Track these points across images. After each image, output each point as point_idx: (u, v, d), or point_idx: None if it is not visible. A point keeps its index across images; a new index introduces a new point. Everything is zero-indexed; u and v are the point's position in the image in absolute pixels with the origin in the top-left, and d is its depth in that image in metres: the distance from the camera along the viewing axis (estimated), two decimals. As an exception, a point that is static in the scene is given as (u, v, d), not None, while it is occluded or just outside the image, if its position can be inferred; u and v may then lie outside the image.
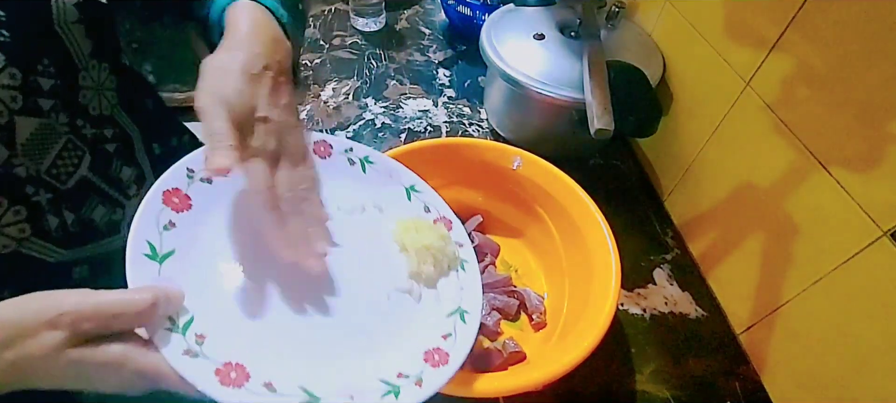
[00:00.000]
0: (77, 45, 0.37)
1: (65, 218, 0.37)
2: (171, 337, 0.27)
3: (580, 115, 0.56)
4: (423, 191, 0.47)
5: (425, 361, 0.35)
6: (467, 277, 0.43)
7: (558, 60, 0.61)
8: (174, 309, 0.28)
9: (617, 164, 0.72)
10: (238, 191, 0.36)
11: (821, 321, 0.44)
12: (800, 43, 0.44)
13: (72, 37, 0.37)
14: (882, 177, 0.38)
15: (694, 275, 0.60)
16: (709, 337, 0.54)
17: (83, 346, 0.25)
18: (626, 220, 0.64)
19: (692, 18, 0.59)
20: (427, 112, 0.77)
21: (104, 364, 0.25)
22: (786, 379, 0.48)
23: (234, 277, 0.33)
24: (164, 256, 0.31)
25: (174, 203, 0.33)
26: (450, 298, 0.41)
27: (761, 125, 0.49)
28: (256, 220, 0.34)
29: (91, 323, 0.25)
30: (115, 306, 0.26)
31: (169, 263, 0.30)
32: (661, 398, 0.48)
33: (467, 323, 0.39)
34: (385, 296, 0.39)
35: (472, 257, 0.44)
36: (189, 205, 0.34)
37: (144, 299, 0.26)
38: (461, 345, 0.37)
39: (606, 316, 0.41)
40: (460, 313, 0.40)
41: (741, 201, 0.53)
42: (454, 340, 0.37)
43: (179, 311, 0.29)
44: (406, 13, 0.99)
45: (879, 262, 0.38)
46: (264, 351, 0.30)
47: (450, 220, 0.46)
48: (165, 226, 0.32)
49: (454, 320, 0.39)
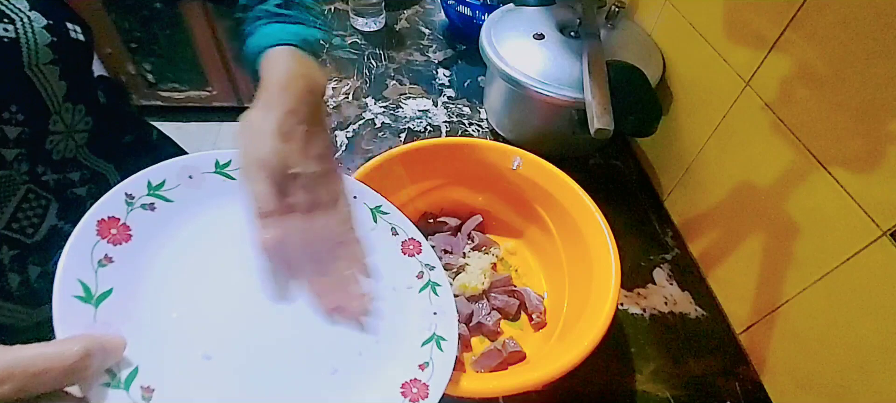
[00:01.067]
0: (50, 88, 0.35)
1: (29, 275, 0.35)
2: (109, 395, 0.23)
3: (580, 115, 0.56)
4: (389, 213, 0.44)
5: (403, 396, 0.32)
6: (441, 301, 0.40)
7: (558, 60, 0.61)
8: (114, 360, 0.25)
9: (617, 164, 0.72)
10: (185, 218, 0.32)
11: (821, 321, 0.44)
12: (799, 43, 0.44)
13: (44, 79, 0.34)
14: (882, 177, 0.38)
15: (694, 275, 0.60)
16: (708, 337, 0.54)
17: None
18: (626, 220, 0.64)
19: (692, 18, 0.59)
20: (427, 112, 0.77)
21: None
22: (785, 379, 0.48)
23: (184, 318, 0.29)
24: (101, 297, 0.26)
25: (111, 234, 0.28)
26: (424, 325, 0.38)
27: (761, 125, 0.49)
28: (211, 251, 0.31)
29: (9, 384, 0.20)
30: (37, 361, 0.21)
31: (106, 305, 0.26)
32: (660, 398, 0.49)
33: (444, 351, 0.36)
34: (357, 329, 0.35)
35: (444, 280, 0.41)
36: (129, 236, 0.29)
37: (73, 352, 0.22)
38: (440, 375, 0.34)
39: (606, 316, 0.41)
40: (436, 340, 0.37)
41: (741, 201, 0.53)
42: (432, 370, 0.35)
43: (120, 362, 0.25)
44: (406, 13, 0.99)
45: (879, 262, 0.38)
46: (222, 401, 0.27)
47: (418, 242, 0.43)
48: (101, 262, 0.27)
49: (430, 348, 0.37)
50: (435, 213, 0.59)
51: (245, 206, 0.32)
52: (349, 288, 0.35)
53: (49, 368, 0.21)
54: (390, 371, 0.34)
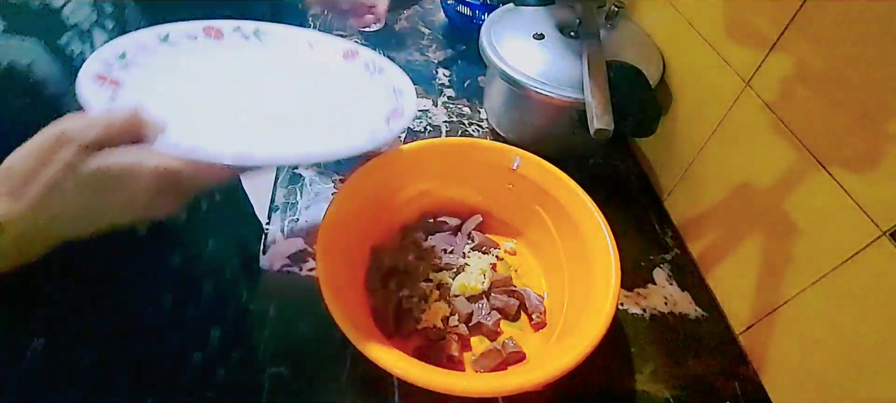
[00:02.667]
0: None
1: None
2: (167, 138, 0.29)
3: (580, 115, 0.56)
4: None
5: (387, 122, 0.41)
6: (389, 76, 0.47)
7: (558, 60, 0.61)
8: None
9: (617, 164, 0.72)
10: (157, 71, 0.38)
11: (820, 321, 0.44)
12: (799, 43, 0.44)
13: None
14: (881, 177, 0.38)
15: (693, 275, 0.60)
16: (708, 337, 0.54)
17: (97, 154, 0.27)
18: (626, 220, 0.64)
19: (692, 18, 0.59)
20: (427, 112, 0.77)
21: (122, 168, 0.27)
22: (785, 379, 0.48)
23: (187, 114, 0.35)
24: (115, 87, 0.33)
25: (104, 81, 0.34)
26: (385, 85, 0.46)
27: (761, 125, 0.49)
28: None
29: (94, 129, 0.27)
30: (107, 115, 0.28)
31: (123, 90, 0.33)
32: (660, 398, 0.49)
33: (406, 94, 0.44)
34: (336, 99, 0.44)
35: (390, 65, 0.48)
36: (118, 82, 0.34)
37: (128, 108, 0.29)
38: (409, 105, 0.43)
39: (606, 316, 0.41)
40: (395, 90, 0.45)
41: (741, 201, 0.53)
42: (403, 100, 0.44)
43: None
44: (406, 13, 0.99)
45: (879, 262, 0.38)
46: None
47: (355, 51, 0.49)
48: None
49: (395, 96, 0.45)
50: (435, 213, 0.59)
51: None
52: None
53: (116, 118, 0.28)
54: (373, 109, 0.42)
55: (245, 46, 0.45)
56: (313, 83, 0.45)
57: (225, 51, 0.43)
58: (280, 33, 0.47)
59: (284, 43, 0.47)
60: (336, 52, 0.48)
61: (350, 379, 0.46)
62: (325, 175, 0.64)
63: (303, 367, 0.46)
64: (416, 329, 0.49)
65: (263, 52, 0.45)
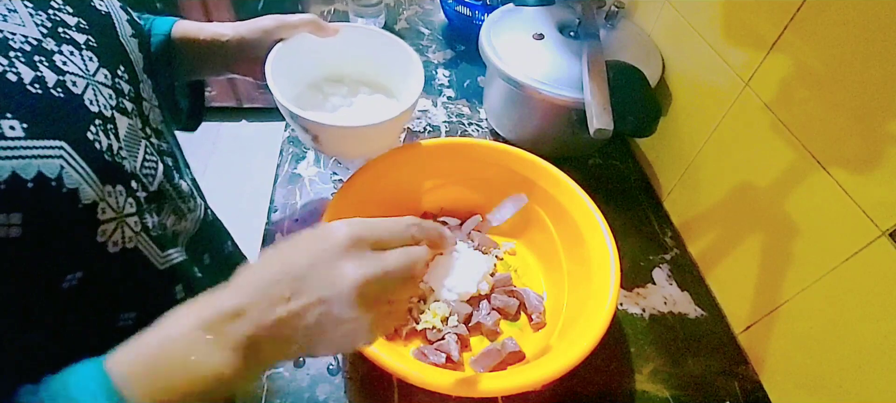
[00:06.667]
0: (136, 57, 0.38)
1: (155, 220, 0.37)
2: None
3: (579, 115, 0.56)
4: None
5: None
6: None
7: (557, 60, 0.61)
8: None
9: (616, 164, 0.72)
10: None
11: (820, 321, 0.44)
12: (799, 43, 0.44)
13: (132, 49, 0.38)
14: (881, 177, 0.38)
15: (693, 275, 0.60)
16: (708, 337, 0.54)
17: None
18: (626, 220, 0.64)
19: (691, 18, 0.59)
20: (426, 112, 0.77)
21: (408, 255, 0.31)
22: (785, 379, 0.49)
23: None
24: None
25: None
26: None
27: (760, 125, 0.49)
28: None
29: (384, 234, 0.31)
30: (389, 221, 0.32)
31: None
32: (660, 398, 0.49)
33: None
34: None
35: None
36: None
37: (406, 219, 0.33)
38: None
39: (606, 316, 0.41)
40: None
41: (740, 201, 0.53)
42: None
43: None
44: (405, 13, 0.99)
45: (878, 262, 0.38)
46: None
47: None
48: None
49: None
50: (435, 213, 0.59)
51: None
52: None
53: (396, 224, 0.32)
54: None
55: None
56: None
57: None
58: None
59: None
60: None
61: (350, 379, 0.46)
62: (325, 175, 0.64)
63: (303, 367, 0.46)
64: (415, 329, 0.49)
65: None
